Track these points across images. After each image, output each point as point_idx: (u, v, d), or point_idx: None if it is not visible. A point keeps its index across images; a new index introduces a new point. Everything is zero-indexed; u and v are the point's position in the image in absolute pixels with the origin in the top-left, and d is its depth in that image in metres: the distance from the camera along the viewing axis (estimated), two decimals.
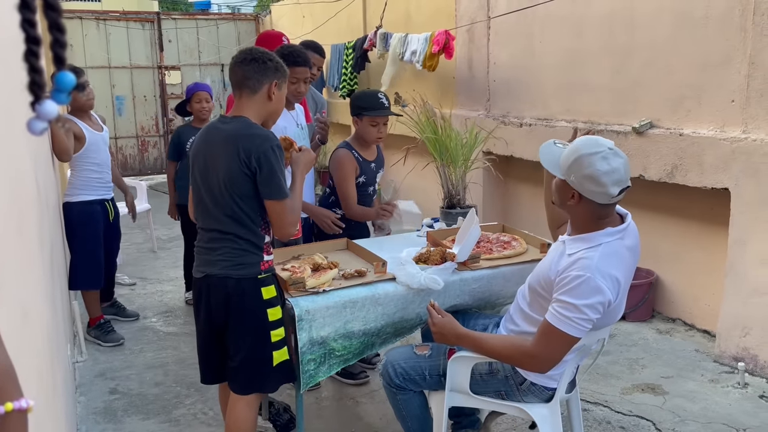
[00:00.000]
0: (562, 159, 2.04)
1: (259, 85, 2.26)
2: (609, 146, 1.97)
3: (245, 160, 2.17)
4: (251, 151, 2.16)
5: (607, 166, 1.92)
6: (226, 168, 2.20)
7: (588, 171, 1.93)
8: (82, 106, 3.86)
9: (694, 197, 3.86)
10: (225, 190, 2.22)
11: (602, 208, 2.00)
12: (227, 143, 2.21)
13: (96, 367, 3.68)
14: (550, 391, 2.18)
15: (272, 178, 2.19)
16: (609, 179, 1.92)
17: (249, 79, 2.25)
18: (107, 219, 4.03)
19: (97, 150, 3.92)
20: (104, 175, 4.01)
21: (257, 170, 2.17)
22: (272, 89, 2.27)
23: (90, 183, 3.92)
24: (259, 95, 2.27)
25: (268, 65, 2.26)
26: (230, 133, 2.22)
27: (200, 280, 2.34)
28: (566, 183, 2.01)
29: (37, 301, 1.62)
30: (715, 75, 3.61)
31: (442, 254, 2.63)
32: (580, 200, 1.99)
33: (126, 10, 11.13)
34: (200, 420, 3.10)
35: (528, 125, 5.05)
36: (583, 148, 1.97)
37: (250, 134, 2.20)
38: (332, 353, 2.42)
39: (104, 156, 3.99)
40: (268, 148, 2.18)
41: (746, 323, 3.43)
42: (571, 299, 1.92)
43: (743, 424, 2.95)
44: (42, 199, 2.34)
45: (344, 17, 8.14)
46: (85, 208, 3.90)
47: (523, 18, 5.03)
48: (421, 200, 6.91)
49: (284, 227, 2.28)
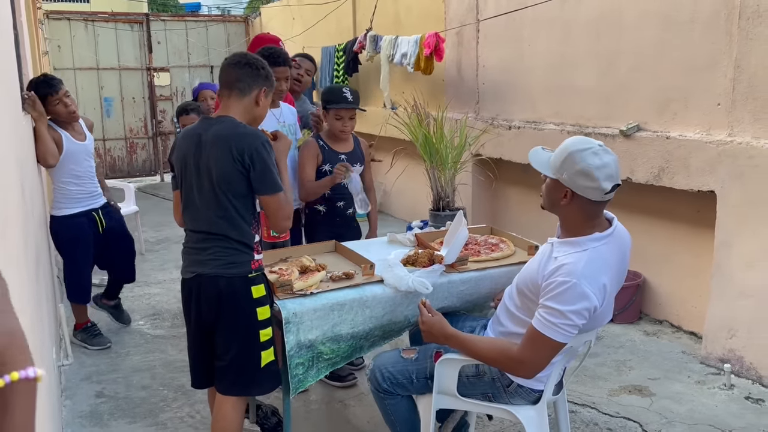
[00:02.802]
0: (553, 159, 2.06)
1: (249, 89, 2.32)
2: (599, 144, 2.00)
3: (238, 159, 2.20)
4: (243, 149, 2.20)
5: (599, 161, 1.95)
6: (219, 168, 2.22)
7: (580, 166, 1.95)
8: (64, 118, 3.67)
9: (681, 200, 3.89)
10: (219, 191, 2.24)
11: (594, 207, 2.01)
12: (217, 144, 2.23)
13: (82, 371, 3.65)
14: (537, 393, 2.19)
15: (266, 173, 2.24)
16: (601, 174, 1.94)
17: (240, 81, 2.31)
18: (97, 229, 3.88)
19: (75, 161, 3.73)
20: (86, 186, 3.82)
21: (251, 167, 2.21)
22: (261, 95, 2.34)
23: (71, 195, 3.76)
24: (248, 99, 2.33)
25: (260, 72, 2.34)
26: (220, 134, 2.25)
27: (190, 280, 2.36)
28: (558, 182, 2.03)
29: (21, 304, 1.61)
30: (701, 78, 3.64)
31: (430, 256, 2.63)
32: (573, 198, 2.00)
33: (115, 11, 11.07)
34: (187, 423, 3.08)
35: (517, 128, 5.07)
36: (573, 145, 2.00)
37: (240, 133, 2.24)
38: (320, 357, 2.41)
39: (85, 166, 3.80)
40: (259, 145, 2.22)
41: (732, 325, 3.46)
42: (557, 305, 1.92)
43: (729, 425, 2.97)
44: (27, 203, 2.32)
45: (334, 19, 8.15)
46: (69, 222, 3.76)
47: (512, 21, 5.05)
48: (410, 202, 6.94)
49: (281, 220, 2.33)
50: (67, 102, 3.64)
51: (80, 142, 3.76)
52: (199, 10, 18.86)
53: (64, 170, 3.69)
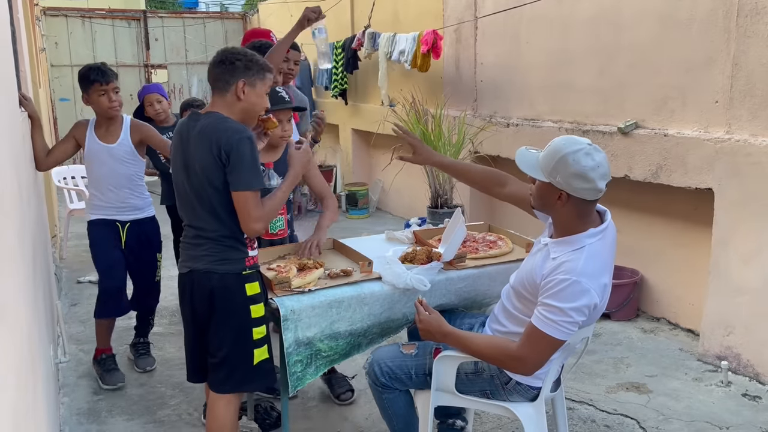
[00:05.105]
0: (543, 162, 2.03)
1: (227, 86, 2.29)
2: (588, 142, 2.00)
3: (216, 153, 2.18)
4: (221, 143, 2.18)
5: (593, 162, 1.94)
6: (203, 163, 2.22)
7: (574, 168, 1.94)
8: (103, 112, 3.31)
9: (678, 197, 3.89)
10: (206, 185, 2.24)
11: (588, 205, 2.02)
12: (201, 139, 2.23)
13: (80, 368, 3.64)
14: (536, 391, 2.19)
15: (238, 168, 2.19)
16: (596, 174, 1.94)
17: (218, 80, 2.30)
18: (120, 243, 3.44)
19: (97, 163, 3.33)
20: (106, 194, 3.36)
21: (227, 161, 2.19)
22: (241, 88, 2.27)
23: (92, 200, 3.43)
24: (229, 95, 2.29)
25: (236, 65, 2.27)
26: (203, 128, 2.24)
27: (185, 276, 2.36)
28: (551, 185, 2.01)
29: (16, 301, 1.60)
30: (699, 76, 3.64)
31: (428, 254, 2.63)
32: (569, 200, 2.00)
33: (112, 8, 11.03)
34: (185, 421, 3.08)
35: (515, 125, 5.07)
36: (564, 147, 1.98)
37: (222, 128, 2.22)
38: (318, 354, 2.41)
39: (103, 171, 3.34)
40: (239, 140, 2.19)
41: (729, 322, 3.47)
42: (557, 303, 1.93)
43: (726, 422, 2.98)
44: (23, 199, 2.32)
45: (332, 16, 8.11)
46: (92, 228, 3.41)
47: (510, 19, 5.05)
48: (408, 200, 6.94)
49: (248, 222, 2.23)
50: (113, 97, 3.29)
51: (104, 144, 3.33)
52: (197, 7, 18.78)
53: (88, 171, 3.43)
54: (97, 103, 3.29)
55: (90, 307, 4.15)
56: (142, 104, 4.19)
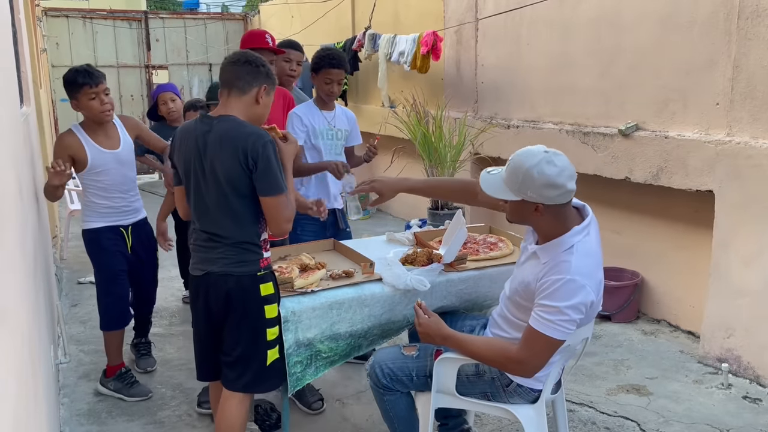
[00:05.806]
0: (509, 181, 2.04)
1: (248, 87, 2.29)
2: (544, 149, 2.01)
3: (243, 159, 2.19)
4: (248, 149, 2.19)
5: (556, 168, 1.96)
6: (226, 169, 2.21)
7: (542, 180, 1.96)
8: (95, 117, 3.13)
9: (679, 199, 3.89)
10: (226, 191, 2.24)
11: (565, 208, 2.05)
12: (224, 144, 2.22)
13: (80, 369, 3.64)
14: (536, 393, 2.19)
15: (268, 173, 2.21)
16: (563, 178, 1.97)
17: (240, 79, 2.28)
18: (125, 247, 3.32)
19: (106, 172, 3.17)
20: (115, 201, 3.24)
21: (254, 167, 2.20)
22: (261, 93, 2.31)
23: (96, 208, 3.24)
24: (248, 97, 2.30)
25: (260, 70, 2.31)
26: (225, 134, 2.23)
27: (199, 278, 2.36)
28: (524, 201, 2.03)
29: (16, 303, 1.60)
30: (700, 78, 3.64)
31: (429, 255, 2.63)
32: (546, 209, 2.02)
33: (113, 8, 11.05)
34: (185, 422, 3.08)
35: (515, 127, 5.07)
36: (524, 162, 1.98)
37: (245, 132, 2.22)
38: (318, 355, 2.42)
39: (114, 177, 3.21)
40: (264, 145, 2.21)
41: (730, 324, 3.47)
42: (553, 302, 1.93)
43: (727, 424, 2.97)
44: (24, 202, 2.32)
45: (333, 17, 8.14)
46: (94, 236, 3.25)
47: (511, 20, 5.05)
48: (409, 201, 6.93)
49: (281, 224, 2.28)
50: (104, 99, 3.13)
51: (109, 150, 3.18)
52: (198, 7, 18.82)
53: (89, 180, 3.19)
54: (87, 108, 3.10)
55: (90, 307, 4.15)
56: (156, 102, 4.28)
